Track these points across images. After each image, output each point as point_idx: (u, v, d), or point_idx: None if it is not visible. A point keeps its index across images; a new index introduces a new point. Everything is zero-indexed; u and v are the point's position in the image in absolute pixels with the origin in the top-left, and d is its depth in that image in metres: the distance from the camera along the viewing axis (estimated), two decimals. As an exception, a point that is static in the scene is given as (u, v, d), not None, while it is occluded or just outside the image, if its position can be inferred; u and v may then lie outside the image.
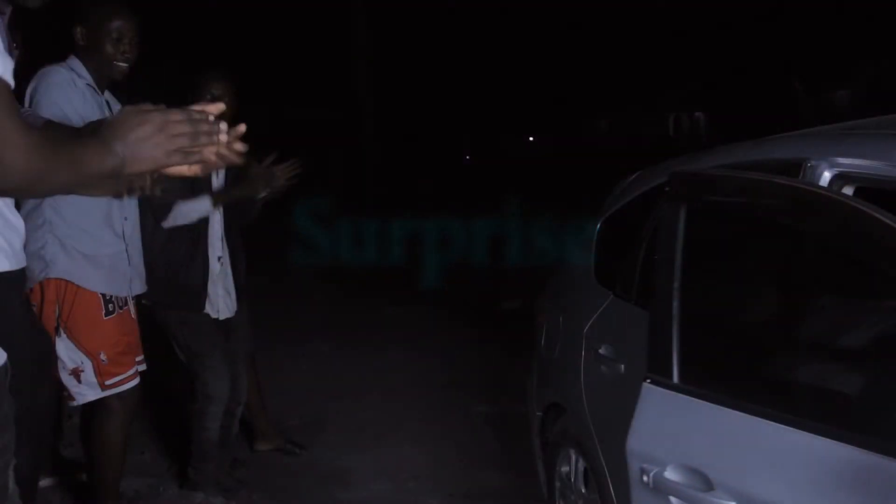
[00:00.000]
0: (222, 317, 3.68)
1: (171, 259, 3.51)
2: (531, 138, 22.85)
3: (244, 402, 3.84)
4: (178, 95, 3.40)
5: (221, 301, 3.67)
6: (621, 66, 17.66)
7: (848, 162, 1.89)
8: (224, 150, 1.58)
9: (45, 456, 2.92)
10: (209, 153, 1.57)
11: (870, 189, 1.89)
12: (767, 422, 1.76)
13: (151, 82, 3.14)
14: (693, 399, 1.94)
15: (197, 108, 1.55)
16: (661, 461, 1.93)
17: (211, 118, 1.54)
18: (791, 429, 1.70)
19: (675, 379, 1.99)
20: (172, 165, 1.53)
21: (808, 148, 2.03)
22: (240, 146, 1.60)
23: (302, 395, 5.10)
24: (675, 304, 2.03)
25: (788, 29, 13.73)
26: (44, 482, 3.39)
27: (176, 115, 1.49)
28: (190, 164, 1.57)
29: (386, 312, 7.20)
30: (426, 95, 19.20)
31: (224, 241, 3.66)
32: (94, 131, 1.54)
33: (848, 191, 1.92)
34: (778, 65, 12.49)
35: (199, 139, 1.51)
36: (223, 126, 1.56)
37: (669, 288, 2.05)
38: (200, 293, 3.56)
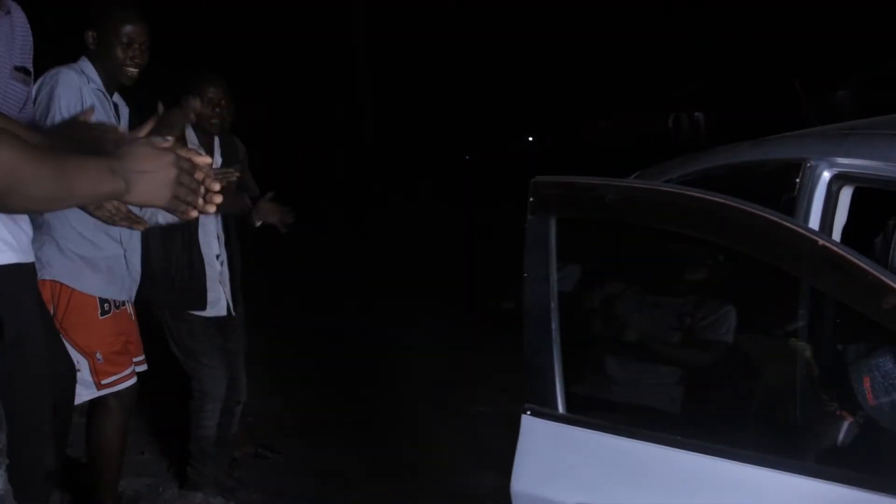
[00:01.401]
0: (220, 314, 3.66)
1: (170, 258, 3.51)
2: (531, 138, 22.82)
3: (244, 400, 3.83)
4: (171, 96, 3.39)
5: (221, 300, 3.66)
6: (621, 66, 17.65)
7: (848, 162, 1.89)
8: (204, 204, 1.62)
9: (60, 454, 2.90)
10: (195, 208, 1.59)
11: (869, 189, 1.89)
12: (675, 450, 1.65)
13: (145, 82, 3.13)
14: (586, 430, 1.79)
15: (197, 158, 1.58)
16: (557, 503, 1.79)
17: (203, 172, 1.58)
18: (705, 456, 1.61)
19: (561, 409, 1.83)
20: (168, 208, 1.57)
21: (808, 148, 2.03)
22: (218, 199, 1.63)
23: (301, 395, 5.10)
24: (555, 325, 1.88)
25: (789, 29, 13.73)
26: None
27: (185, 162, 1.53)
28: (179, 211, 1.59)
29: (386, 312, 7.19)
30: (426, 95, 19.19)
31: (221, 240, 3.65)
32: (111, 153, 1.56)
33: (847, 191, 1.92)
34: (778, 65, 12.49)
35: (193, 194, 1.55)
36: (216, 186, 1.60)
37: (546, 308, 1.89)
38: (201, 292, 3.56)
